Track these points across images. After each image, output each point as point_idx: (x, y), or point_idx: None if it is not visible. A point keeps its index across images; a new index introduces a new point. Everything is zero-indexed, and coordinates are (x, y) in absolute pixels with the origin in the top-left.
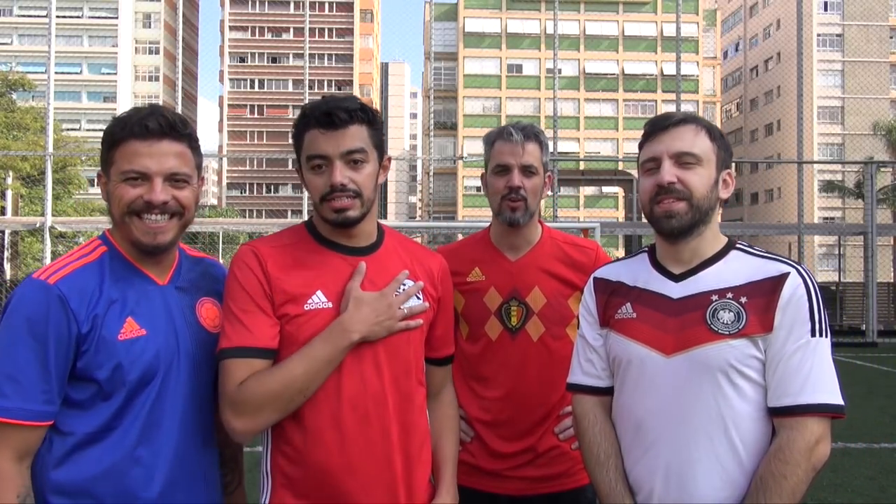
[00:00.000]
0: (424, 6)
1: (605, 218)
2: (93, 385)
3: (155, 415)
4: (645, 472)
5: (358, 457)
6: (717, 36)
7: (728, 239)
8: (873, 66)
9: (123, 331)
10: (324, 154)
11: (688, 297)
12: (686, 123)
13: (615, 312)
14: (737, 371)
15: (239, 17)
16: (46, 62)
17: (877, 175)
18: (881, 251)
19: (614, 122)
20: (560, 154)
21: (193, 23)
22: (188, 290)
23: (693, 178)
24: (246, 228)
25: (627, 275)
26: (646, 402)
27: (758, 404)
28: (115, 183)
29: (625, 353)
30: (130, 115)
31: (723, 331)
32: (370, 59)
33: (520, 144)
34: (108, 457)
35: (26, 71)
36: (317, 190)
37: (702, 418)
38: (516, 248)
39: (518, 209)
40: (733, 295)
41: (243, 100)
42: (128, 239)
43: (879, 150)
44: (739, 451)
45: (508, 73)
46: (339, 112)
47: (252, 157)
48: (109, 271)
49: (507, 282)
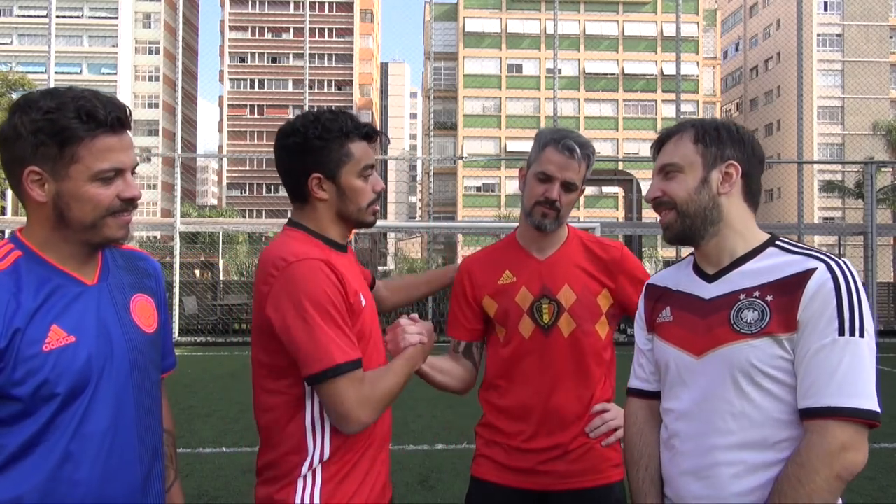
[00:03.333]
0: (424, 6)
1: (605, 218)
2: (16, 403)
3: (85, 427)
4: (676, 474)
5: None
6: (717, 36)
7: (770, 236)
8: (873, 66)
9: (48, 340)
10: (374, 164)
11: (718, 298)
12: (675, 134)
13: (657, 317)
14: (760, 371)
15: (239, 17)
16: (46, 62)
17: (877, 175)
18: (881, 251)
19: (614, 122)
20: None
21: (193, 23)
22: (119, 287)
23: (672, 186)
24: (246, 228)
25: (672, 279)
26: (679, 404)
27: (788, 407)
28: (81, 183)
29: (663, 357)
30: (76, 104)
31: (745, 330)
32: (370, 59)
33: (575, 161)
34: (32, 476)
35: (26, 71)
36: (366, 196)
37: (727, 420)
38: (544, 248)
39: (549, 217)
40: (760, 293)
41: (243, 100)
42: (80, 240)
43: (879, 150)
44: (768, 455)
45: (508, 73)
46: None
47: (252, 157)
48: (26, 278)
49: (537, 280)
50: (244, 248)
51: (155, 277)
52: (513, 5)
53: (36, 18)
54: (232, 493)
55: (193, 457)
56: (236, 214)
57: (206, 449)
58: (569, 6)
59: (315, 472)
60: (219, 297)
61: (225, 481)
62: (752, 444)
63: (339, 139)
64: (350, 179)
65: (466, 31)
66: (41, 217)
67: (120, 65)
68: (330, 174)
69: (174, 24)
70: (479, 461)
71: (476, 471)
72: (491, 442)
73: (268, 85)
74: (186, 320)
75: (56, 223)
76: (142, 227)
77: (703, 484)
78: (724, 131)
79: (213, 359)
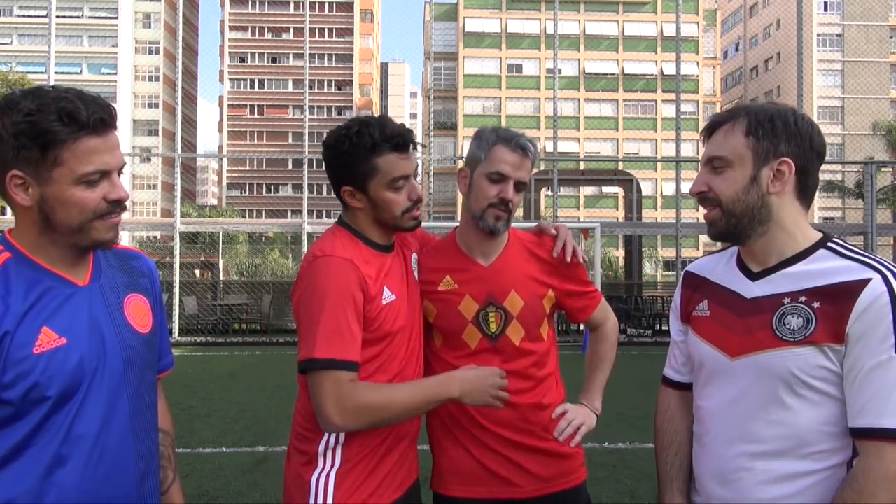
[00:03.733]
0: (424, 6)
1: (605, 218)
2: (6, 407)
3: (77, 430)
4: (701, 473)
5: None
6: (717, 36)
7: (823, 236)
8: (873, 66)
9: (39, 343)
10: (407, 174)
11: (761, 298)
12: (727, 122)
13: (694, 309)
14: (801, 381)
15: (239, 17)
16: (46, 62)
17: (877, 175)
18: (881, 251)
19: (614, 122)
20: (560, 154)
21: (193, 23)
22: (112, 287)
23: (719, 183)
24: (246, 228)
25: (712, 270)
26: (710, 403)
27: (829, 418)
28: (65, 187)
29: (697, 353)
30: (57, 105)
31: (788, 337)
32: (370, 59)
33: (528, 160)
34: (22, 480)
35: (26, 71)
36: (398, 206)
37: (761, 428)
38: (488, 253)
39: (502, 219)
40: (806, 299)
41: (243, 100)
42: (68, 242)
43: (879, 150)
44: (799, 465)
45: (508, 73)
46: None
47: (252, 157)
48: (15, 280)
49: (481, 288)
50: (244, 248)
51: (150, 277)
52: (513, 5)
53: (36, 18)
54: (232, 493)
55: (193, 457)
56: (236, 214)
57: (206, 449)
58: (569, 6)
59: (335, 453)
60: (219, 297)
61: (225, 481)
62: (783, 452)
63: (366, 154)
64: (379, 192)
65: (466, 31)
66: (28, 220)
67: (120, 65)
68: (360, 186)
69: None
70: (442, 476)
71: (437, 486)
72: (450, 454)
73: (268, 85)
74: (186, 320)
75: (43, 226)
76: (142, 227)
77: (728, 489)
78: (779, 122)
79: (213, 359)
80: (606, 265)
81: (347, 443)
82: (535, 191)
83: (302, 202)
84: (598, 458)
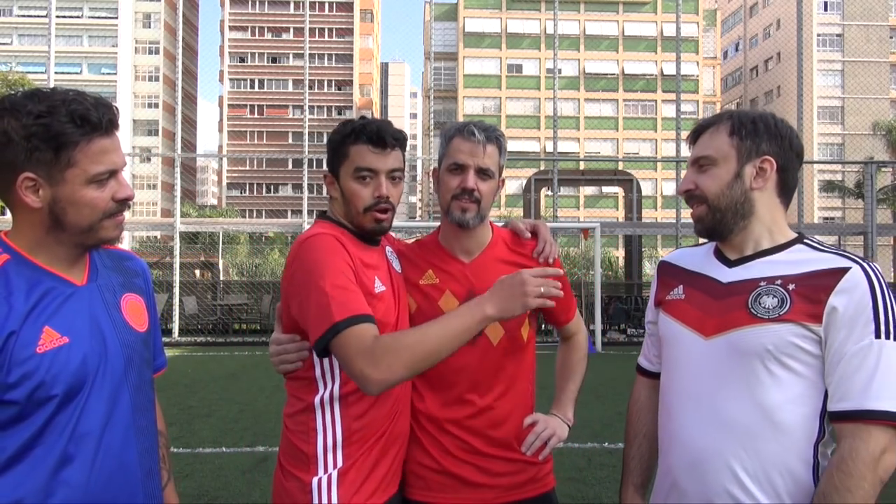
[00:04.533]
0: (424, 6)
1: (605, 218)
2: (12, 407)
3: (82, 428)
4: (678, 465)
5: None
6: (717, 36)
7: (798, 235)
8: (873, 66)
9: (42, 342)
10: (375, 169)
11: (736, 282)
12: (712, 125)
13: (667, 293)
14: (774, 358)
15: (239, 17)
16: (46, 62)
17: (877, 175)
18: (881, 251)
19: (614, 122)
20: (560, 154)
21: (193, 23)
22: (109, 287)
23: (705, 180)
24: (246, 228)
25: (689, 259)
26: (682, 383)
27: (800, 397)
28: (77, 187)
29: (668, 333)
30: (67, 107)
31: (762, 315)
32: (370, 59)
33: (481, 145)
34: (29, 479)
35: (26, 71)
36: (360, 200)
37: (732, 405)
38: (469, 250)
39: (469, 210)
40: (782, 282)
41: (243, 100)
42: (75, 242)
43: (879, 150)
44: (771, 444)
45: (508, 73)
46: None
47: (252, 157)
48: (16, 281)
49: (462, 285)
50: (244, 249)
51: (143, 277)
52: (513, 5)
53: (36, 18)
54: (232, 493)
55: (193, 457)
56: (236, 214)
57: (206, 449)
58: (569, 6)
59: (335, 453)
60: (219, 297)
61: (225, 481)
62: (755, 431)
63: (342, 139)
64: (346, 181)
65: (466, 31)
66: (33, 221)
67: (120, 65)
68: (335, 173)
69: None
70: (410, 478)
71: (406, 490)
72: (424, 454)
73: (268, 85)
74: (186, 320)
75: (50, 227)
76: (142, 227)
77: (698, 481)
78: (761, 124)
79: (213, 359)
80: (606, 265)
81: (346, 443)
82: (535, 191)
83: (302, 202)
84: (598, 458)
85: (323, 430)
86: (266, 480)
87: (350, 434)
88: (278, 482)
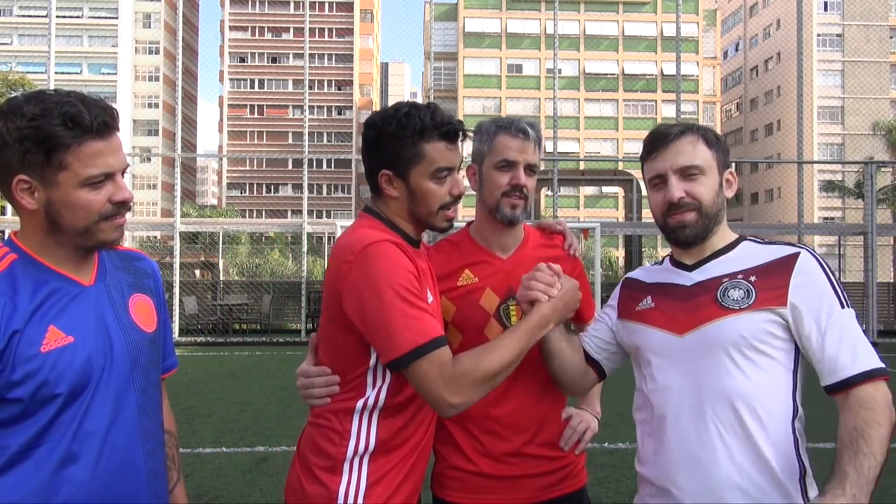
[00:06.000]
0: (424, 6)
1: (605, 218)
2: (16, 405)
3: (86, 427)
4: (675, 466)
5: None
6: (717, 36)
7: (740, 235)
8: (873, 66)
9: (46, 341)
10: (452, 166)
11: (701, 283)
12: (684, 136)
13: (636, 305)
14: (750, 345)
15: (239, 17)
16: (46, 62)
17: (877, 175)
18: (881, 251)
19: (614, 122)
20: (560, 154)
21: (193, 23)
22: (118, 287)
23: (699, 188)
24: (246, 228)
25: (651, 274)
26: (663, 385)
27: (776, 379)
28: (70, 190)
29: (642, 340)
30: (60, 109)
31: (732, 306)
32: (370, 59)
33: (531, 142)
34: (33, 477)
35: (26, 71)
36: (437, 199)
37: (711, 395)
38: (507, 247)
39: (518, 206)
40: (743, 276)
41: (243, 100)
42: (74, 244)
43: (879, 150)
44: (750, 429)
45: (508, 73)
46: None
47: (252, 157)
48: (22, 280)
49: (502, 281)
50: (245, 249)
51: (153, 277)
52: (513, 5)
53: (36, 18)
54: (232, 493)
55: (193, 457)
56: (236, 214)
57: (206, 449)
58: (569, 6)
59: (363, 461)
60: (219, 297)
61: (225, 481)
62: (733, 418)
63: (413, 137)
64: (420, 181)
65: (466, 31)
66: (34, 223)
67: (120, 65)
68: (400, 173)
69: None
70: (446, 480)
71: (440, 491)
72: (461, 456)
73: (268, 85)
74: (186, 320)
75: (49, 229)
76: (142, 227)
77: (694, 466)
78: (721, 139)
79: (213, 359)
80: (606, 265)
81: (377, 453)
82: (535, 191)
83: (302, 202)
84: (598, 458)
85: (357, 435)
86: (266, 480)
87: (383, 444)
88: (296, 481)
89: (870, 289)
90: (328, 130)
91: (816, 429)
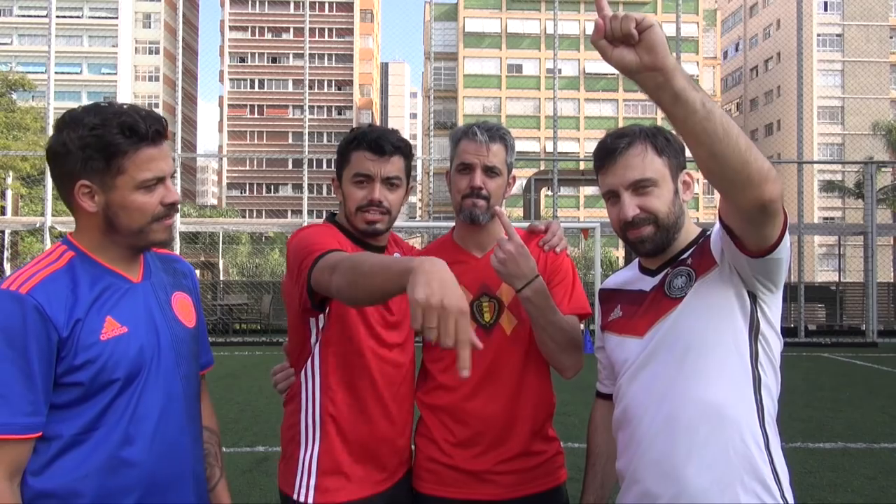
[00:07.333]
0: (424, 6)
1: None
2: (77, 388)
3: (140, 410)
4: (645, 472)
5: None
6: (717, 36)
7: (701, 230)
8: (873, 66)
9: (105, 330)
10: (370, 174)
11: (656, 285)
12: (631, 147)
13: (609, 316)
14: (703, 341)
15: (239, 17)
16: (46, 62)
17: (877, 175)
18: (881, 251)
19: (614, 122)
20: (560, 154)
21: (193, 23)
22: (161, 285)
23: (653, 202)
24: (246, 228)
25: (622, 279)
26: (631, 388)
27: (734, 375)
28: (127, 192)
29: (616, 350)
30: (118, 119)
31: (678, 294)
32: (370, 59)
33: (484, 145)
34: (93, 458)
35: (26, 71)
36: (352, 201)
37: (676, 397)
38: (482, 245)
39: (479, 207)
40: (683, 262)
41: (243, 100)
42: (128, 244)
43: (879, 150)
44: (716, 427)
45: (508, 73)
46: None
47: (252, 157)
48: (81, 275)
49: (475, 278)
50: (245, 249)
51: (190, 278)
52: (513, 5)
53: (36, 18)
54: (232, 493)
55: None
56: (236, 214)
57: None
58: (569, 6)
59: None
60: (219, 297)
61: None
62: (705, 415)
63: (345, 145)
64: (345, 184)
65: (466, 31)
66: (91, 224)
67: (120, 65)
68: (338, 178)
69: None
70: (423, 472)
71: (417, 484)
72: (435, 447)
73: (268, 85)
74: None
75: (106, 229)
76: None
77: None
78: (674, 140)
79: (214, 359)
80: (606, 265)
81: (325, 420)
82: (535, 191)
83: (302, 202)
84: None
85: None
86: (266, 480)
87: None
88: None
89: (870, 289)
90: (328, 130)
91: (817, 429)
